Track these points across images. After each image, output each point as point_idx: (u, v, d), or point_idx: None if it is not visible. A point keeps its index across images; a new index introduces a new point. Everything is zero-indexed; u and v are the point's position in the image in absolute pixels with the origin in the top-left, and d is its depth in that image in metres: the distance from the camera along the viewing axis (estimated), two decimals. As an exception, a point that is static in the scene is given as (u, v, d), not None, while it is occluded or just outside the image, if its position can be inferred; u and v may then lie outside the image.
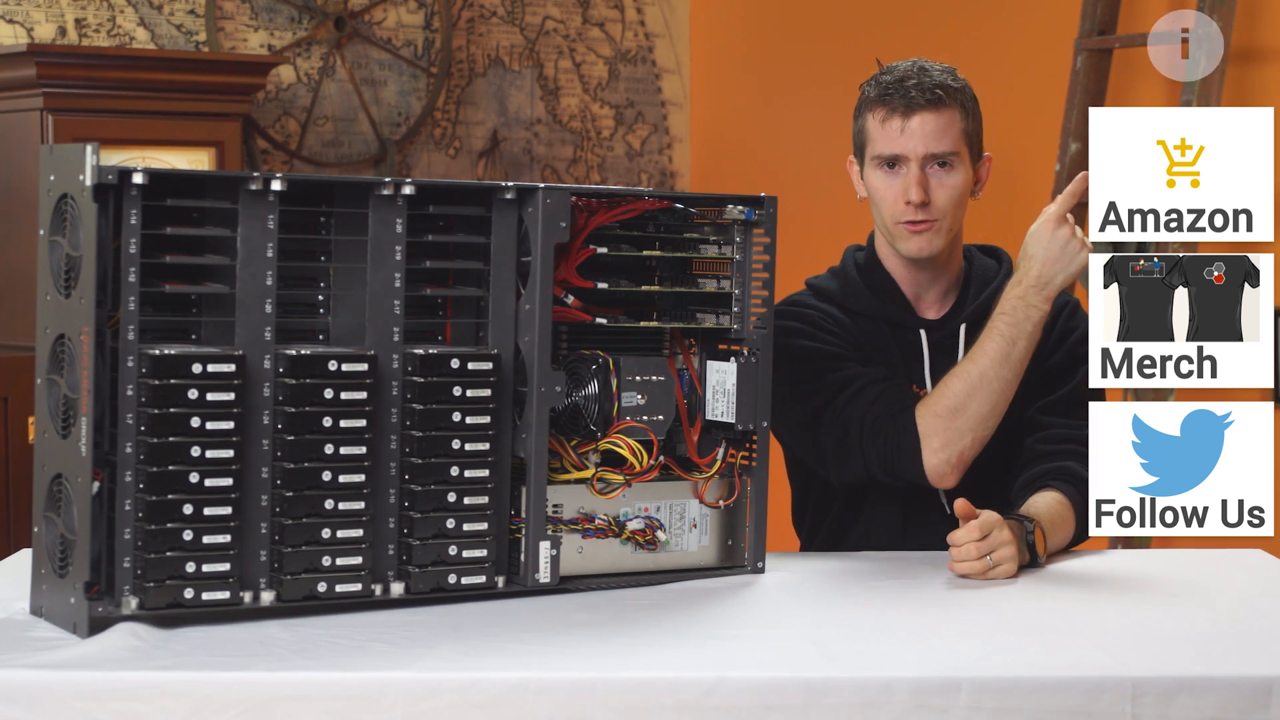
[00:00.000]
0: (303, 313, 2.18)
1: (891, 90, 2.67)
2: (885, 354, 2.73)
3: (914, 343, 2.74)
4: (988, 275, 2.78)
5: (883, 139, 2.67)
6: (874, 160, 2.68)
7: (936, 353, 2.74)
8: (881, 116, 2.67)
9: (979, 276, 2.78)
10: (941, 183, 2.66)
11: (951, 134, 2.66)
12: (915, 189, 2.64)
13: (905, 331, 2.75)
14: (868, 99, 2.71)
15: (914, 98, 2.65)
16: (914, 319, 2.75)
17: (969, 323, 2.74)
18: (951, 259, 2.75)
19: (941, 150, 2.65)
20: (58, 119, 4.34)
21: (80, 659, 1.90)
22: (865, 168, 2.71)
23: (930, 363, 2.73)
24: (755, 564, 2.41)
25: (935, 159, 2.65)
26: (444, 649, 1.99)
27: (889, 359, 2.73)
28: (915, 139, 2.65)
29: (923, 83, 2.66)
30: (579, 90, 5.66)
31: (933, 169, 2.65)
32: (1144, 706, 1.91)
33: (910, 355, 2.74)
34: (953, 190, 2.66)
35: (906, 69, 2.68)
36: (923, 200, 2.64)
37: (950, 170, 2.66)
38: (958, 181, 2.67)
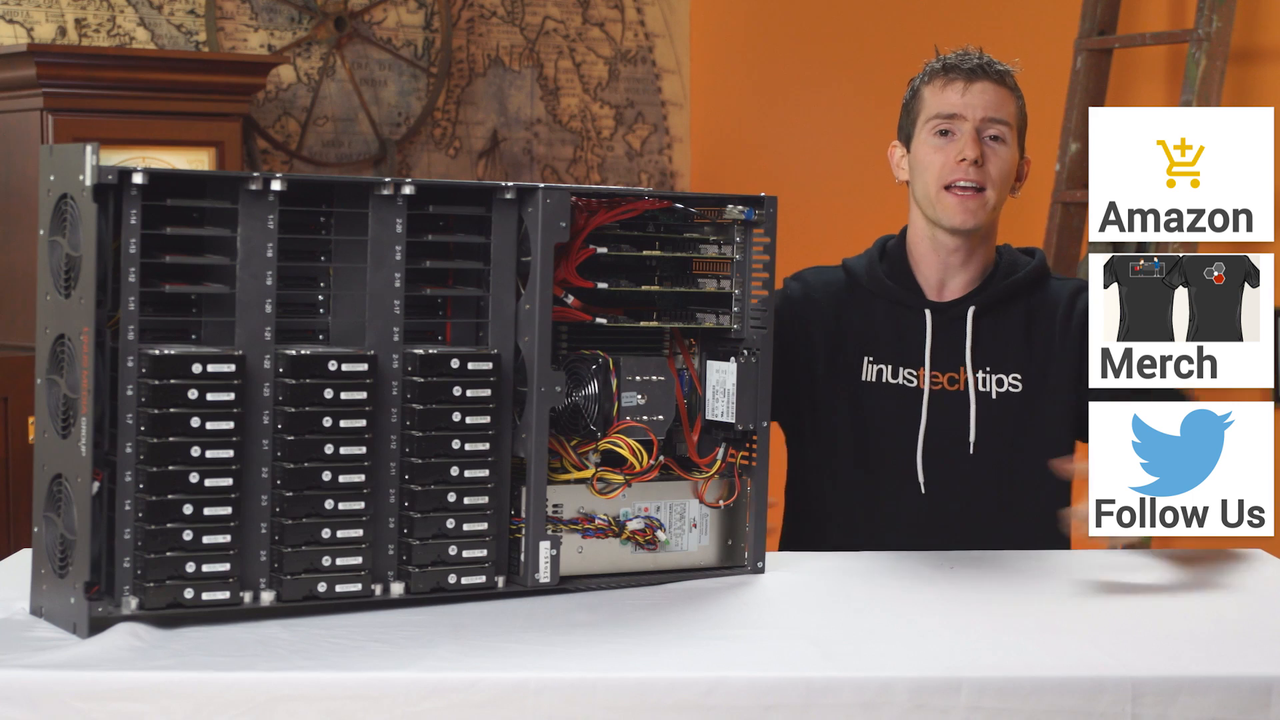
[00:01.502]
0: (303, 313, 2.17)
1: (954, 62, 2.75)
2: (883, 334, 2.75)
3: (918, 324, 2.75)
4: (1015, 267, 2.80)
5: (941, 101, 2.74)
6: (929, 125, 2.74)
7: (940, 333, 2.75)
8: (942, 83, 2.75)
9: (1005, 267, 2.79)
10: (995, 152, 2.72)
11: (1008, 108, 2.74)
12: (971, 145, 2.70)
13: (910, 312, 2.76)
14: (928, 72, 2.78)
15: (977, 67, 2.74)
16: (920, 299, 2.76)
17: (979, 306, 2.75)
18: (985, 244, 2.77)
19: (998, 117, 2.72)
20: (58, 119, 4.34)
21: (80, 659, 1.90)
22: (915, 138, 2.76)
23: (932, 343, 2.74)
24: (755, 564, 2.41)
25: (992, 126, 2.72)
26: (444, 649, 1.99)
27: (884, 340, 2.75)
28: (975, 103, 2.72)
29: (985, 58, 2.75)
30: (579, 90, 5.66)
31: (987, 140, 2.71)
32: (1144, 706, 1.91)
33: (912, 336, 2.76)
34: (1004, 163, 2.73)
35: (967, 48, 2.78)
36: (977, 158, 2.68)
37: (1003, 144, 2.73)
38: (1009, 156, 2.73)
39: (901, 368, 2.74)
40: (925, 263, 2.78)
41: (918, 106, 2.76)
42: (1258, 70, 4.20)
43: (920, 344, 2.74)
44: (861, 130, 4.66)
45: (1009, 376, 2.74)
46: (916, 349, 2.75)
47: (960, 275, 2.78)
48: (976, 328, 2.75)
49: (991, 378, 2.74)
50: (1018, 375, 2.74)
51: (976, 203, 2.70)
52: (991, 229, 2.76)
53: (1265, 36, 4.20)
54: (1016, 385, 2.74)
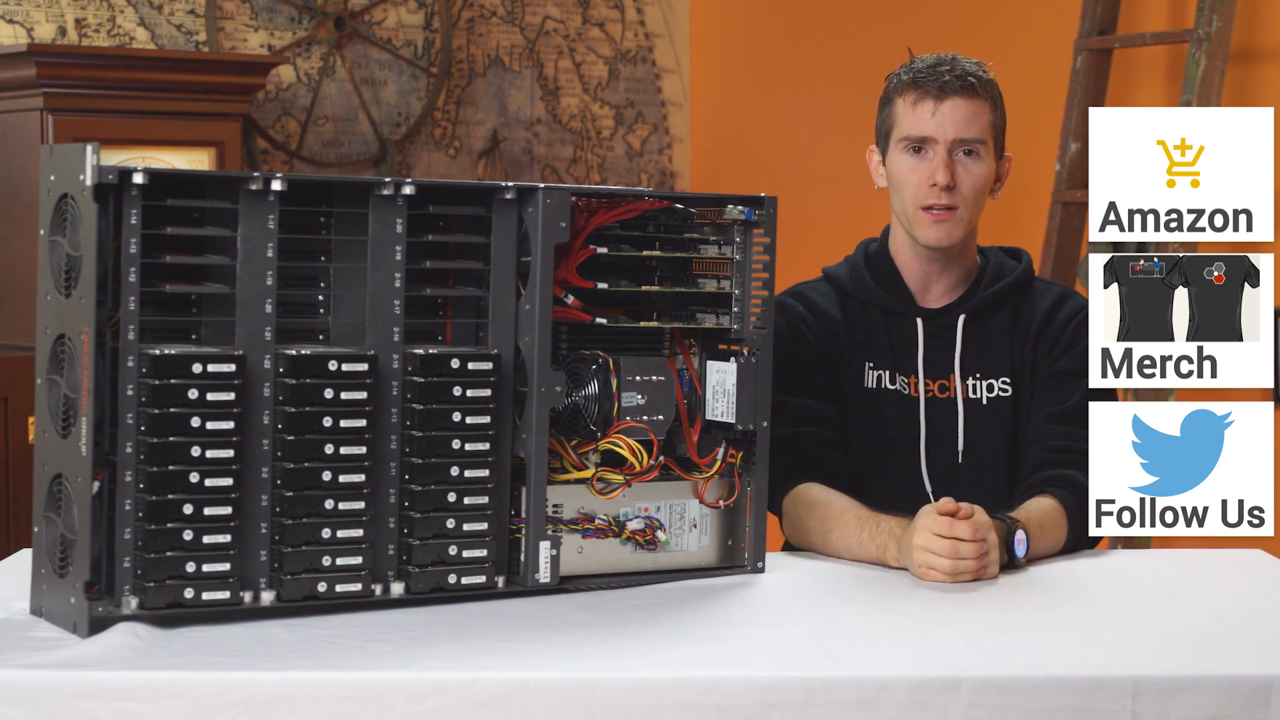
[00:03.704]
0: (303, 313, 2.18)
1: (925, 75, 2.70)
2: (878, 341, 2.74)
3: (910, 331, 2.75)
4: (1002, 271, 2.79)
5: (913, 121, 2.69)
6: (901, 143, 2.70)
7: (932, 341, 2.74)
8: (913, 100, 2.69)
9: (992, 272, 2.78)
10: (967, 170, 2.68)
11: (980, 122, 2.69)
12: (942, 171, 2.66)
13: (902, 319, 2.75)
14: (898, 83, 2.73)
15: (948, 82, 2.68)
16: (913, 308, 2.76)
17: (969, 314, 2.74)
18: (965, 253, 2.76)
19: (970, 137, 2.68)
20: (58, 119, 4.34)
21: (80, 659, 1.90)
22: (889, 153, 2.73)
23: (924, 351, 2.74)
24: (755, 564, 2.41)
25: (963, 145, 2.68)
26: (444, 649, 1.99)
27: (881, 346, 2.74)
28: (946, 123, 2.67)
29: (956, 70, 2.69)
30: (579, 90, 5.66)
31: (959, 156, 2.68)
32: (1144, 705, 1.91)
33: (904, 343, 2.75)
34: (977, 179, 2.69)
35: (939, 57, 2.72)
36: (949, 183, 2.66)
37: (976, 159, 2.69)
38: (982, 171, 2.69)
39: (898, 374, 2.74)
40: (908, 269, 2.78)
41: (890, 119, 2.73)
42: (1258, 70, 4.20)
43: (913, 352, 2.74)
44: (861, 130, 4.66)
45: (999, 381, 2.74)
46: (910, 357, 2.74)
47: (942, 280, 2.77)
48: (966, 335, 2.74)
49: (982, 384, 2.74)
50: (1007, 380, 2.74)
51: (951, 222, 2.69)
52: (970, 235, 2.75)
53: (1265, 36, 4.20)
54: (1006, 389, 2.74)
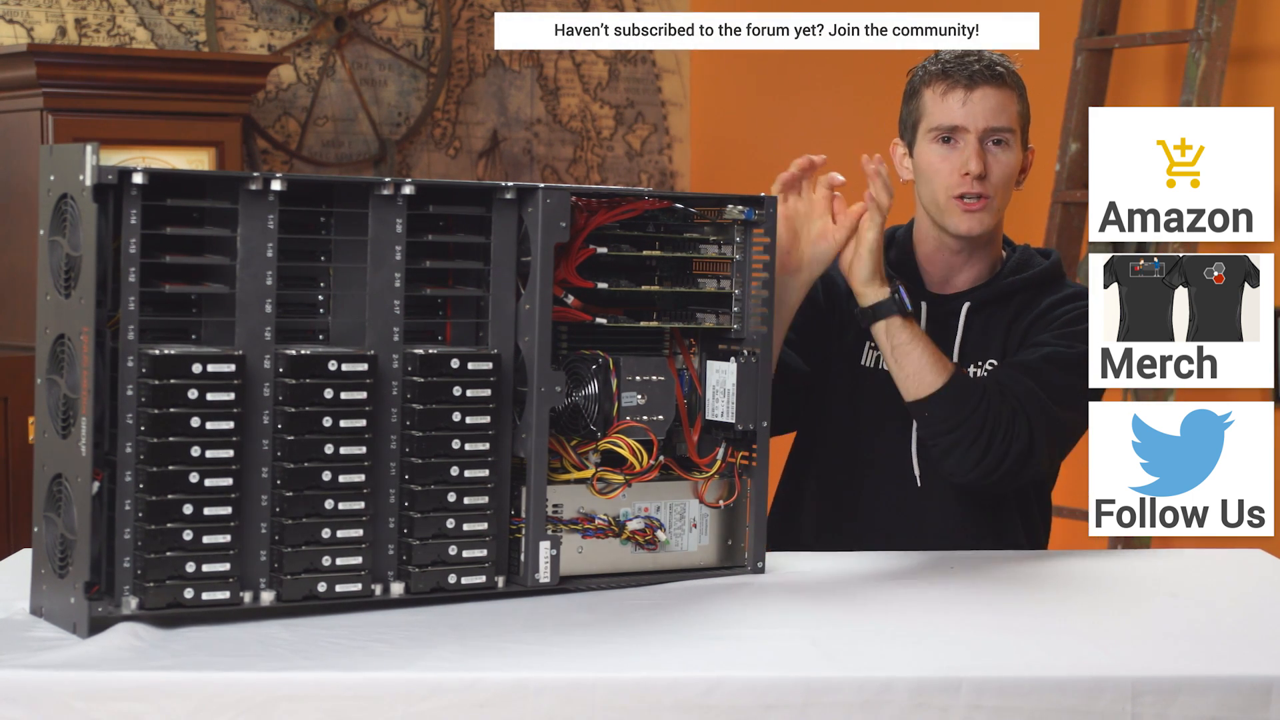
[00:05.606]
0: (303, 313, 2.17)
1: (954, 65, 2.71)
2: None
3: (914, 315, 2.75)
4: (1024, 266, 2.79)
5: (942, 111, 2.71)
6: (930, 134, 2.71)
7: (934, 326, 2.74)
8: (942, 90, 2.71)
9: (1014, 266, 2.79)
10: (998, 159, 2.70)
11: (1010, 112, 2.71)
12: (975, 160, 2.68)
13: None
14: (926, 74, 2.75)
15: (977, 72, 2.70)
16: (920, 291, 2.76)
17: (974, 302, 2.74)
18: (990, 243, 2.77)
19: (1000, 125, 2.70)
20: (58, 119, 4.34)
21: (80, 659, 1.90)
22: (917, 144, 2.74)
23: None
24: (755, 564, 2.41)
25: (993, 134, 2.70)
26: (444, 649, 1.99)
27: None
28: (976, 112, 2.69)
29: (984, 60, 2.72)
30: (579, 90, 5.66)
31: (989, 145, 2.70)
32: (1144, 706, 1.91)
33: None
34: (1007, 167, 2.71)
35: (966, 50, 2.74)
36: (981, 172, 2.67)
37: (1006, 148, 2.71)
38: (1012, 160, 2.71)
39: None
40: (931, 259, 2.78)
41: (918, 110, 2.74)
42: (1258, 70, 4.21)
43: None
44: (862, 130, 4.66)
45: (988, 363, 2.74)
46: None
47: (965, 272, 2.78)
48: (970, 323, 2.74)
49: (980, 371, 2.74)
50: (994, 362, 2.74)
51: (983, 211, 2.71)
52: (998, 226, 2.77)
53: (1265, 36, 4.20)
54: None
